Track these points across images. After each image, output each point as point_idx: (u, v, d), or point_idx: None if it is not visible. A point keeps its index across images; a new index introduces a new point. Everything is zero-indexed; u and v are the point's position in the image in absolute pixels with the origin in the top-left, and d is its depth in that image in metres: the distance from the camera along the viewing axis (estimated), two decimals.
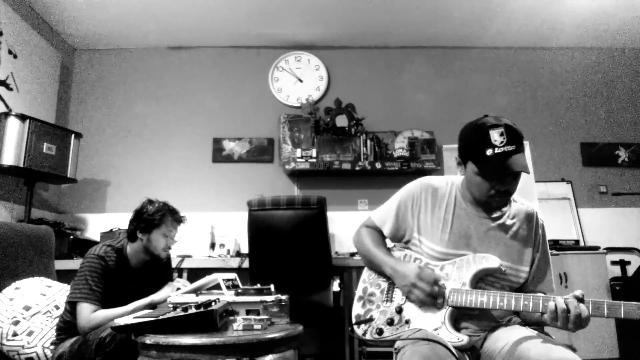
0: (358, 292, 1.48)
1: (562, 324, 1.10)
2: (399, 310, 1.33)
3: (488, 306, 1.21)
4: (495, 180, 1.27)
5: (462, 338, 1.20)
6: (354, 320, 1.41)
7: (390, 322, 1.32)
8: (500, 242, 1.33)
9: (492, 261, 1.27)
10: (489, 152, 1.22)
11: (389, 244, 1.53)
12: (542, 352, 1.08)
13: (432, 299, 1.27)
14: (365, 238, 1.51)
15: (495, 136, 1.23)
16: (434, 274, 1.30)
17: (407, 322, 1.30)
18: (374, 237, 1.50)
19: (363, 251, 1.51)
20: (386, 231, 1.48)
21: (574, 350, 1.10)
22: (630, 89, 3.99)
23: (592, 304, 1.09)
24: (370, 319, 1.37)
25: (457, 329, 1.28)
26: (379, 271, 1.45)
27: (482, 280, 1.31)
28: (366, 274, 1.51)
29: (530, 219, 1.36)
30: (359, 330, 1.37)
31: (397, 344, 1.24)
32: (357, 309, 1.44)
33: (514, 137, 1.22)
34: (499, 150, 1.21)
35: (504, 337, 1.20)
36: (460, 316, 1.29)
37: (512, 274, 1.31)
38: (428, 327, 1.25)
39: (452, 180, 1.45)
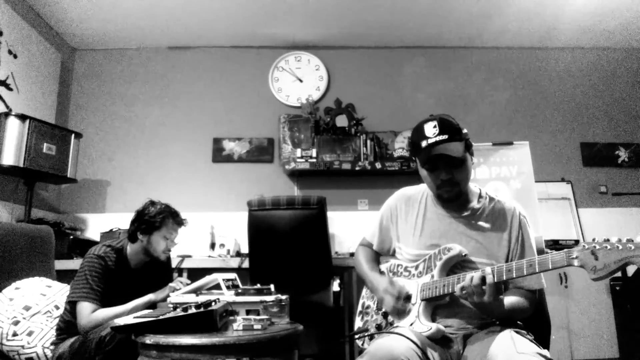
0: (358, 307, 1.56)
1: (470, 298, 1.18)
2: (385, 315, 1.41)
3: (448, 290, 1.25)
4: (433, 170, 1.33)
5: (430, 327, 1.23)
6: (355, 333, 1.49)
7: (379, 327, 1.40)
8: (471, 239, 1.34)
9: (453, 250, 1.30)
10: (423, 143, 1.31)
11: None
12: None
13: (398, 313, 1.33)
14: (359, 256, 1.61)
15: (429, 129, 1.32)
16: (398, 289, 1.33)
17: (391, 324, 1.38)
18: (366, 254, 1.59)
19: (357, 267, 1.60)
20: (375, 246, 1.57)
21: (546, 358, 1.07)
22: (630, 89, 3.99)
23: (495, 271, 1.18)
24: (366, 329, 1.43)
25: None
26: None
27: (454, 271, 1.32)
28: (364, 289, 1.58)
29: (505, 215, 1.36)
30: (358, 341, 1.44)
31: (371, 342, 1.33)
32: (357, 323, 1.52)
33: (447, 128, 1.30)
34: (431, 141, 1.29)
35: (480, 346, 1.19)
36: (440, 314, 1.31)
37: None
38: (405, 324, 1.29)
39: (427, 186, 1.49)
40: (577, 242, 3.39)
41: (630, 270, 3.46)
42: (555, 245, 3.21)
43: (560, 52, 4.02)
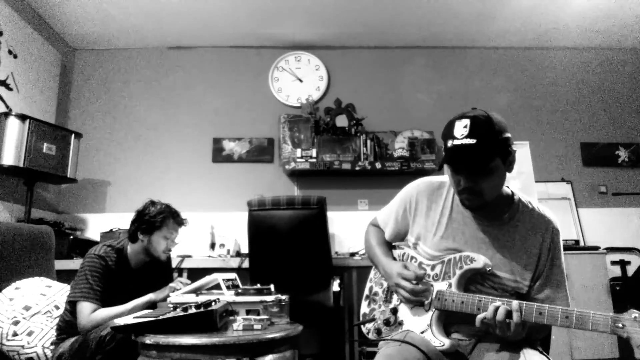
0: (365, 291, 1.49)
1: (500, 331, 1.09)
2: (394, 311, 1.35)
3: (466, 311, 1.16)
4: (455, 173, 1.19)
5: (443, 342, 1.17)
6: (360, 319, 1.43)
7: (387, 323, 1.34)
8: (497, 251, 1.23)
9: (477, 262, 1.19)
10: (449, 143, 1.16)
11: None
12: None
13: (417, 296, 1.24)
14: (370, 236, 1.52)
15: (459, 128, 1.14)
16: (416, 272, 1.25)
17: (400, 323, 1.32)
18: (378, 236, 1.51)
19: (367, 249, 1.52)
20: (387, 234, 1.48)
21: None
22: (630, 89, 3.99)
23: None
24: (373, 319, 1.39)
25: (448, 332, 1.25)
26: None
27: (473, 281, 1.24)
28: (372, 272, 1.51)
29: (539, 229, 1.23)
30: (364, 329, 1.40)
31: (380, 344, 1.28)
32: (363, 308, 1.46)
33: (478, 131, 1.12)
34: (457, 142, 1.13)
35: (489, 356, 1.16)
36: (451, 319, 1.25)
37: (509, 285, 1.22)
38: (416, 330, 1.25)
39: None
40: (577, 242, 3.39)
41: (630, 270, 3.47)
42: None
43: (560, 52, 4.02)
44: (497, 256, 1.23)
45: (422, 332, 1.22)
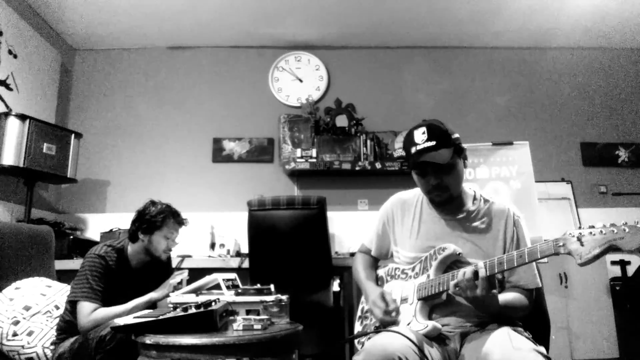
0: (358, 312, 1.59)
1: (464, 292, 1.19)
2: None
3: (444, 288, 1.26)
4: (423, 175, 1.37)
5: (427, 324, 1.24)
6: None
7: (377, 329, 1.40)
8: (467, 240, 1.36)
9: (448, 249, 1.32)
10: (412, 149, 1.35)
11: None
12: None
13: (387, 323, 1.35)
14: (356, 262, 1.65)
15: (418, 135, 1.35)
16: (387, 303, 1.35)
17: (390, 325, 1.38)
18: (363, 261, 1.63)
19: (354, 273, 1.65)
20: (373, 251, 1.61)
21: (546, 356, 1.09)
22: (630, 89, 3.99)
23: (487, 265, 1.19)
24: (366, 333, 1.45)
25: None
26: None
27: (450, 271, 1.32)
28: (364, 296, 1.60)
29: (499, 216, 1.38)
30: (358, 345, 1.46)
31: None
32: (357, 327, 1.55)
33: (435, 134, 1.32)
34: (420, 147, 1.33)
35: (477, 343, 1.19)
36: (438, 312, 1.32)
37: None
38: (403, 324, 1.31)
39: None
40: None
41: (630, 270, 3.47)
42: None
43: (560, 52, 4.02)
44: (468, 245, 1.35)
45: (408, 324, 1.29)
